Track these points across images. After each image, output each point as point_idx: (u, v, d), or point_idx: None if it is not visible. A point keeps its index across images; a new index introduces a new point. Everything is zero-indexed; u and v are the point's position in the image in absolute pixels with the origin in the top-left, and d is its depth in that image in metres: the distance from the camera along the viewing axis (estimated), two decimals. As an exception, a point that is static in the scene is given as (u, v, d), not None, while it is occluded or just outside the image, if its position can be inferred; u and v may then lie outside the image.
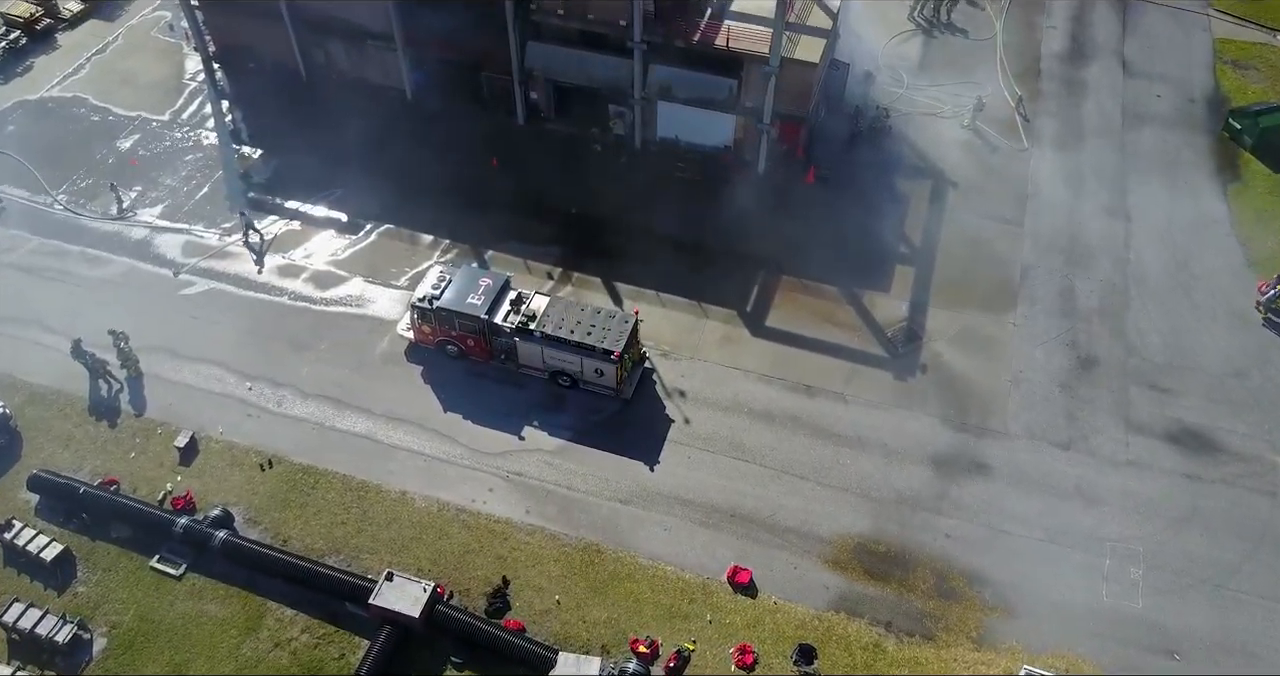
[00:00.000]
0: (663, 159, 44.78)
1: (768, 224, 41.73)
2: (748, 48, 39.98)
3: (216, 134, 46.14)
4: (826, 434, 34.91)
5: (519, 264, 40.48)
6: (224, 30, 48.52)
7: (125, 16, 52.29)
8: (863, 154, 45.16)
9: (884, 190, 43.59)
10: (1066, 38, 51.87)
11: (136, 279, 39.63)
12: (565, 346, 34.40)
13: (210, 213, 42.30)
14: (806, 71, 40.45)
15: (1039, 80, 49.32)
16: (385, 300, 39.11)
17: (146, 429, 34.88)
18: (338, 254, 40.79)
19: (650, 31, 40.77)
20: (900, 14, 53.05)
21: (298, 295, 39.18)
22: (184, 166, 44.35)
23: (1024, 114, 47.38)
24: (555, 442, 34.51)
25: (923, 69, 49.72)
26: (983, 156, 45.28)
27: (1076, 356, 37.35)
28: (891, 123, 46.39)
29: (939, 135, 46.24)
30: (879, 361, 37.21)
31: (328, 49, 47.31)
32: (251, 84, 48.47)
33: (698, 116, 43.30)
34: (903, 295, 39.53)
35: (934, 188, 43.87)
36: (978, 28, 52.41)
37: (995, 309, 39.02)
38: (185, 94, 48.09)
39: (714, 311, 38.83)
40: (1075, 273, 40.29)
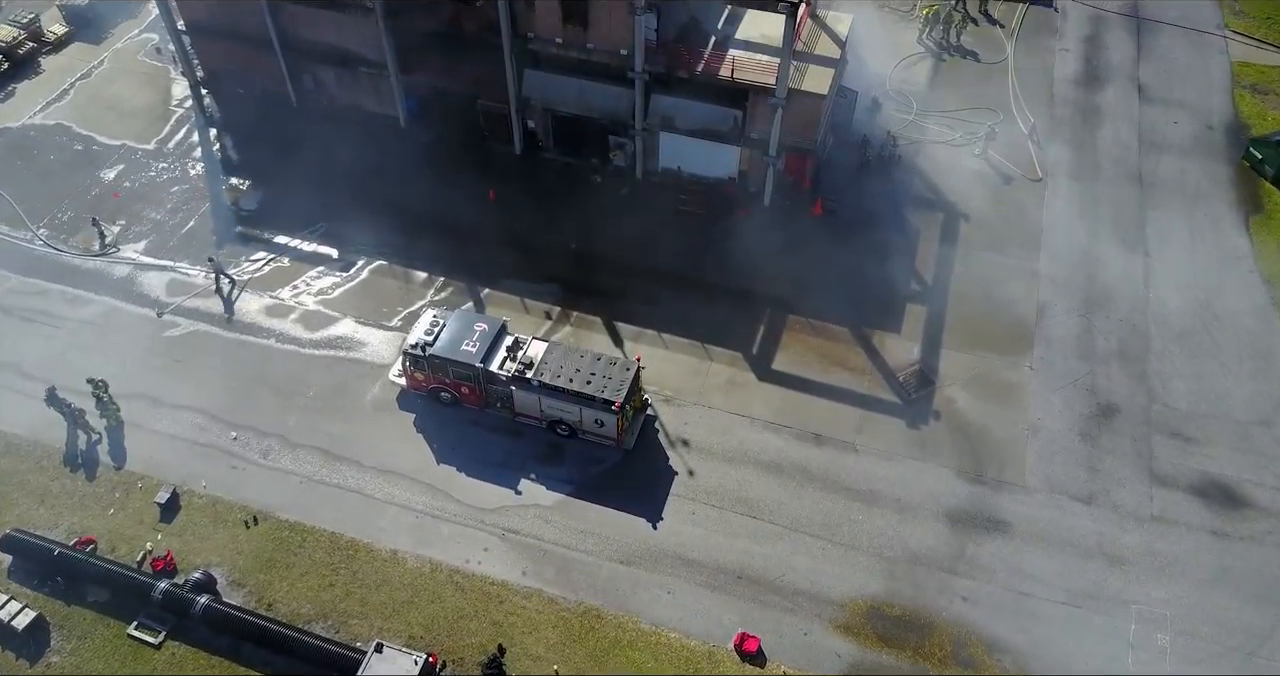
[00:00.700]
0: (665, 190, 43.32)
1: (773, 259, 40.23)
2: (753, 79, 38.50)
3: (203, 164, 44.67)
4: (837, 487, 33.42)
5: (516, 303, 38.99)
6: (212, 55, 47.04)
7: (111, 39, 50.81)
8: (871, 184, 43.69)
9: (893, 223, 42.12)
10: (1080, 61, 50.39)
11: (118, 320, 38.13)
12: (564, 396, 32.93)
13: (196, 248, 40.79)
14: (814, 103, 38.97)
15: (1052, 106, 47.83)
16: (377, 342, 37.61)
17: (126, 482, 33.38)
18: (328, 293, 39.28)
19: (652, 61, 39.29)
20: (909, 36, 51.57)
21: (286, 337, 37.68)
22: (169, 199, 42.85)
23: (1037, 142, 45.89)
24: (553, 497, 33.02)
25: (932, 94, 48.25)
26: (995, 187, 43.80)
27: (1096, 403, 35.86)
28: (900, 151, 44.92)
29: (950, 164, 44.77)
30: (891, 408, 35.72)
31: (318, 75, 45.84)
32: (240, 110, 47.03)
33: (701, 147, 41.85)
34: (914, 336, 38.05)
35: (945, 220, 42.38)
36: (988, 50, 50.95)
37: (1011, 351, 37.53)
38: (172, 121, 46.59)
39: (719, 353, 37.34)
40: (1093, 312, 38.79)
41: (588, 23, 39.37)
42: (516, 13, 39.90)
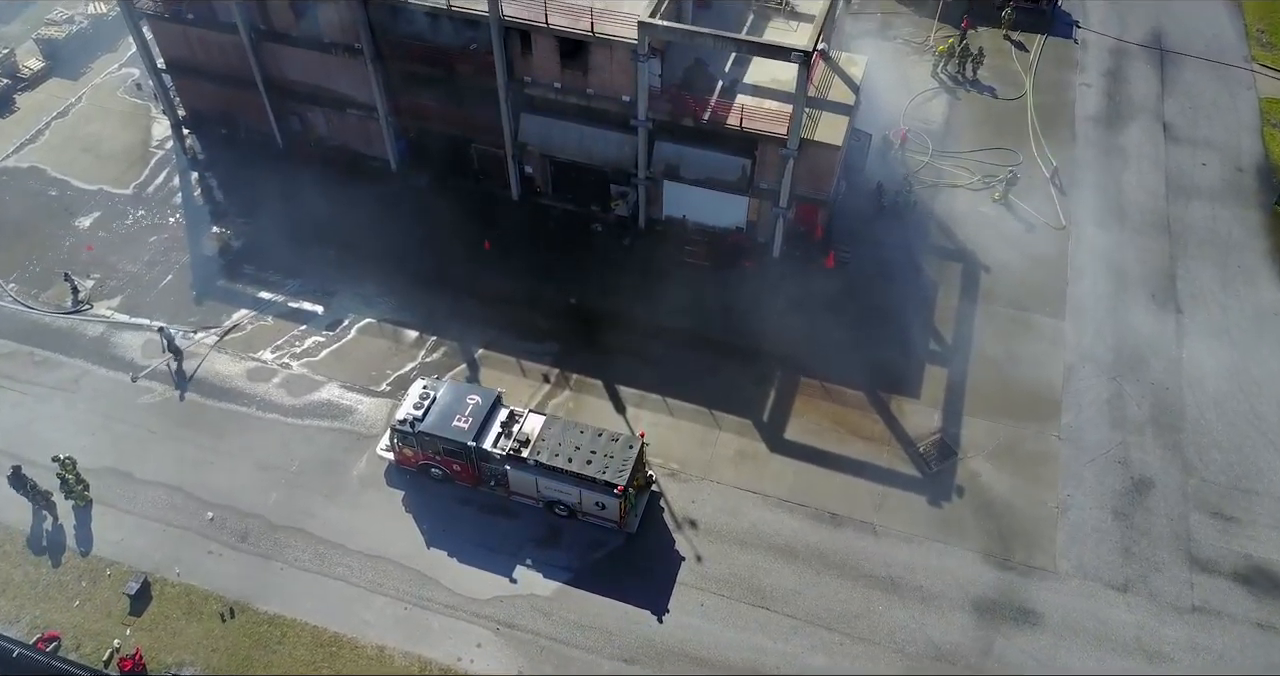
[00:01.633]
0: (669, 240, 41.15)
1: (784, 315, 38.07)
2: (764, 129, 36.31)
3: (184, 210, 42.44)
4: (855, 573, 31.23)
5: (512, 364, 36.81)
6: (193, 94, 44.87)
7: (90, 74, 48.65)
8: (886, 232, 41.51)
9: (910, 276, 39.94)
10: (1102, 97, 48.21)
11: (90, 385, 35.95)
12: (562, 477, 30.76)
13: (174, 304, 38.62)
14: (828, 154, 36.78)
15: (1074, 146, 45.65)
16: (364, 409, 35.42)
17: (94, 569, 31.19)
18: (313, 354, 37.08)
19: (656, 109, 37.10)
20: (923, 71, 49.43)
21: (268, 404, 35.48)
22: (146, 250, 40.65)
23: (1059, 185, 43.71)
24: (551, 586, 30.83)
25: (948, 133, 46.07)
26: (1016, 236, 41.61)
27: (1129, 477, 33.69)
28: (916, 196, 42.76)
29: (968, 210, 42.61)
30: (911, 483, 33.53)
31: (305, 116, 43.65)
32: (223, 151, 44.87)
33: (707, 196, 39.65)
34: (934, 401, 35.86)
35: (965, 272, 40.20)
36: (1006, 85, 48.78)
37: (1037, 418, 35.35)
38: (151, 164, 44.39)
39: (727, 421, 35.15)
40: (1123, 375, 36.61)
41: (588, 68, 37.21)
42: (512, 56, 37.72)
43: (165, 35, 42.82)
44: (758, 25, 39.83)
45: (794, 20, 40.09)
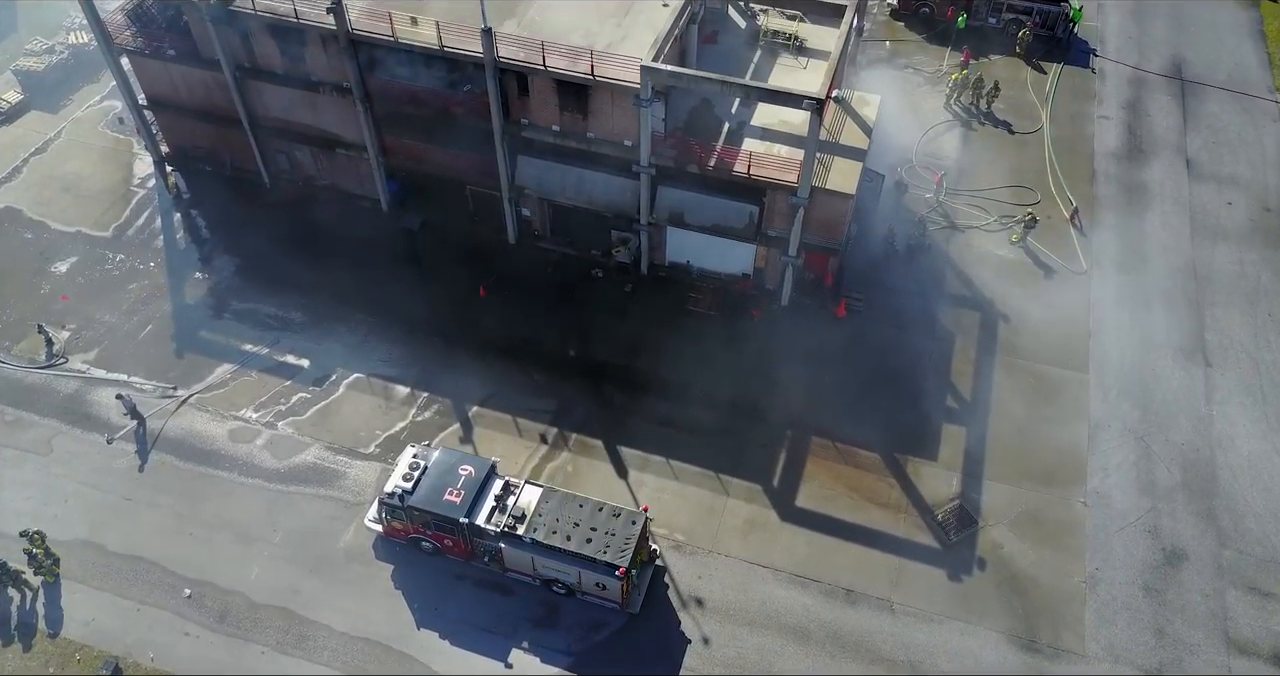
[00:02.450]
0: (673, 286, 39.35)
1: (794, 369, 36.27)
2: (773, 176, 34.49)
3: (165, 254, 40.58)
4: (872, 656, 29.41)
5: (508, 423, 34.99)
6: (177, 131, 43.04)
7: (70, 107, 46.80)
8: (899, 278, 39.70)
9: (925, 325, 38.14)
10: (1122, 130, 46.40)
11: (63, 447, 34.13)
12: (561, 556, 28.94)
13: (153, 358, 36.80)
14: (840, 203, 34.97)
15: (1094, 183, 43.84)
16: (352, 474, 33.60)
17: (63, 653, 29.38)
18: (298, 412, 35.24)
19: (659, 154, 35.29)
20: (935, 102, 47.62)
21: (250, 468, 33.65)
22: (126, 297, 38.81)
23: (1079, 226, 41.89)
24: (549, 672, 29.00)
25: (963, 170, 44.25)
26: (1036, 281, 39.81)
27: (1160, 548, 31.88)
28: (930, 239, 40.96)
29: (985, 254, 40.80)
30: (930, 555, 31.73)
31: (292, 154, 41.80)
32: (208, 189, 43.03)
33: (713, 242, 37.86)
34: (953, 463, 34.06)
35: (982, 321, 38.39)
36: (1021, 117, 46.96)
37: (1061, 482, 33.54)
38: (133, 204, 42.55)
39: (735, 486, 33.34)
40: (1151, 434, 34.81)
41: (588, 111, 35.41)
42: (509, 99, 35.92)
43: (146, 71, 40.98)
44: (765, 62, 38.11)
45: (803, 56, 38.32)
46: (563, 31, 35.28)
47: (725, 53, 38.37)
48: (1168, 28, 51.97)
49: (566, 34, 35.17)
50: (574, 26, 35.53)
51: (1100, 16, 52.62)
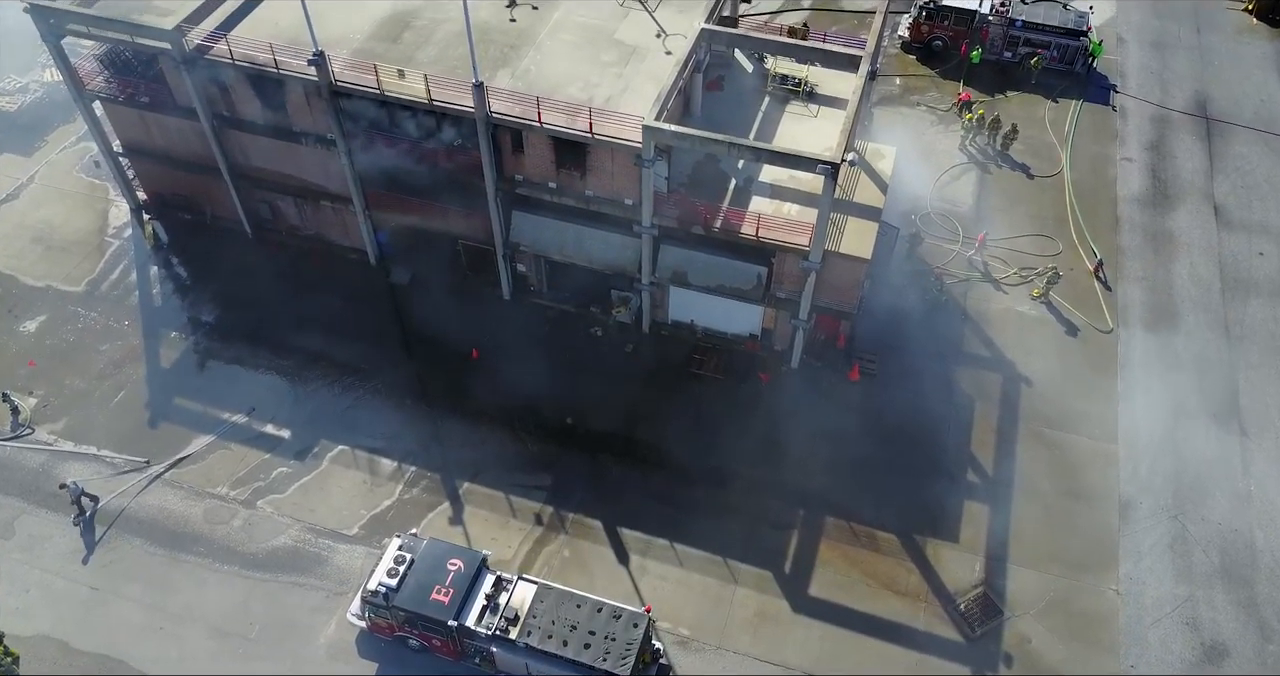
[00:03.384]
0: (676, 346, 37.28)
1: (805, 439, 34.20)
2: (783, 240, 32.37)
3: (140, 312, 38.46)
4: (892, 768, 27.31)
5: (500, 501, 32.90)
6: (154, 178, 40.95)
7: (44, 149, 44.66)
8: (915, 337, 37.58)
9: (943, 390, 36.04)
10: (1145, 173, 44.29)
11: (27, 529, 32.02)
12: (557, 662, 26.81)
13: (126, 428, 34.69)
14: (855, 267, 32.86)
15: (1118, 232, 41.73)
16: (336, 560, 31.49)
17: (21, 766, 27.27)
18: (278, 489, 33.14)
19: (662, 214, 33.19)
20: (949, 143, 45.54)
21: (226, 553, 31.54)
22: (97, 360, 36.69)
23: (1104, 280, 39.78)
24: (545, 787, 26.90)
25: (979, 216, 42.15)
26: (1059, 341, 37.72)
27: (1200, 642, 29.79)
28: (947, 294, 38.88)
29: (1005, 310, 38.70)
30: (952, 650, 29.63)
31: (275, 204, 39.68)
32: (187, 239, 40.97)
33: (719, 301, 35.72)
34: (975, 546, 31.97)
35: (1004, 386, 36.28)
36: (1040, 159, 44.86)
37: (1092, 567, 31.45)
38: (108, 255, 40.43)
39: (744, 573, 31.23)
40: (1186, 512, 32.72)
41: (586, 169, 33.32)
42: (502, 154, 33.84)
43: (120, 118, 38.90)
44: (774, 110, 36.02)
45: (814, 104, 36.22)
46: (560, 83, 33.21)
47: (731, 100, 36.28)
48: (1190, 62, 49.90)
49: (563, 85, 33.11)
50: (572, 77, 33.46)
51: (1120, 50, 50.54)
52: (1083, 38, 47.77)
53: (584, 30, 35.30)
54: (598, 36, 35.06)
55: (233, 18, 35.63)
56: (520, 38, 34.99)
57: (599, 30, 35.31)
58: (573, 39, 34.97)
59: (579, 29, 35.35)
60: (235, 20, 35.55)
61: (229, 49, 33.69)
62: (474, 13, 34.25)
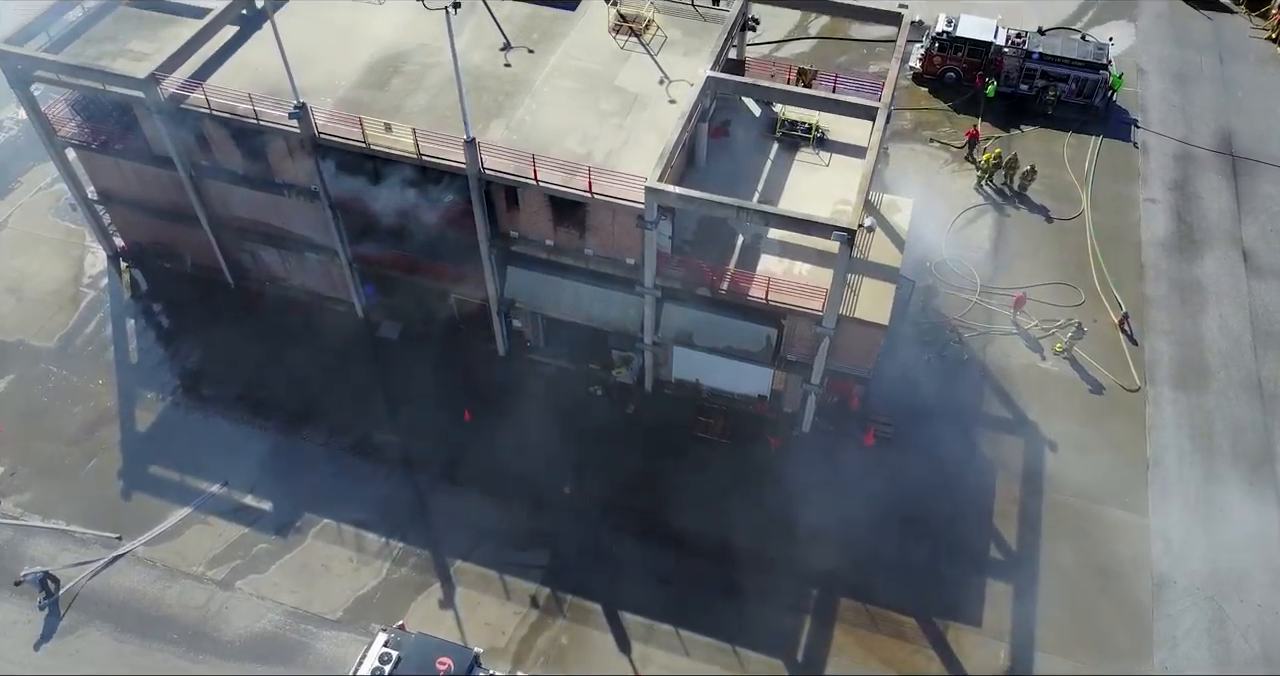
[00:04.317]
0: (680, 408, 35.35)
1: (817, 510, 32.29)
2: (795, 304, 30.41)
3: (115, 369, 36.51)
4: None
5: (494, 580, 30.99)
6: (132, 226, 39.04)
7: (18, 191, 42.78)
8: (932, 395, 35.68)
9: (963, 455, 34.11)
10: (1170, 215, 42.34)
11: (-12, 615, 30.06)
12: (555, 773, 24.88)
13: (98, 499, 32.78)
14: (872, 334, 30.89)
15: (1142, 280, 39.77)
16: (319, 648, 29.55)
17: None
18: (258, 568, 31.22)
19: (666, 275, 31.25)
20: (965, 182, 43.61)
21: (201, 640, 29.61)
22: (69, 424, 34.77)
23: (1130, 333, 37.84)
24: None
25: (997, 263, 40.23)
26: (1084, 400, 35.79)
27: (1242, 741, 27.85)
28: (965, 348, 36.94)
29: (1026, 366, 36.77)
30: (978, 750, 27.69)
31: (258, 254, 37.73)
32: (166, 288, 39.10)
33: (725, 361, 33.74)
34: (999, 630, 30.06)
35: (1027, 450, 34.35)
36: (1059, 200, 42.90)
37: (1124, 654, 29.53)
38: (82, 307, 38.50)
39: (754, 661, 29.34)
40: (1224, 592, 30.78)
41: (585, 227, 31.38)
42: (497, 210, 31.93)
43: (94, 165, 36.97)
44: (783, 158, 34.04)
45: (825, 151, 34.24)
46: (557, 134, 31.30)
47: (738, 147, 34.32)
48: (1214, 94, 47.95)
49: (561, 138, 31.19)
50: (570, 128, 31.53)
51: (1140, 81, 48.59)
52: (1103, 71, 45.82)
53: (582, 76, 33.38)
54: (597, 83, 33.13)
55: (212, 62, 33.75)
56: (515, 84, 33.06)
57: (598, 76, 33.38)
58: (571, 86, 33.04)
59: (577, 74, 33.43)
60: (214, 65, 33.68)
61: (206, 98, 31.73)
62: (467, 57, 32.63)
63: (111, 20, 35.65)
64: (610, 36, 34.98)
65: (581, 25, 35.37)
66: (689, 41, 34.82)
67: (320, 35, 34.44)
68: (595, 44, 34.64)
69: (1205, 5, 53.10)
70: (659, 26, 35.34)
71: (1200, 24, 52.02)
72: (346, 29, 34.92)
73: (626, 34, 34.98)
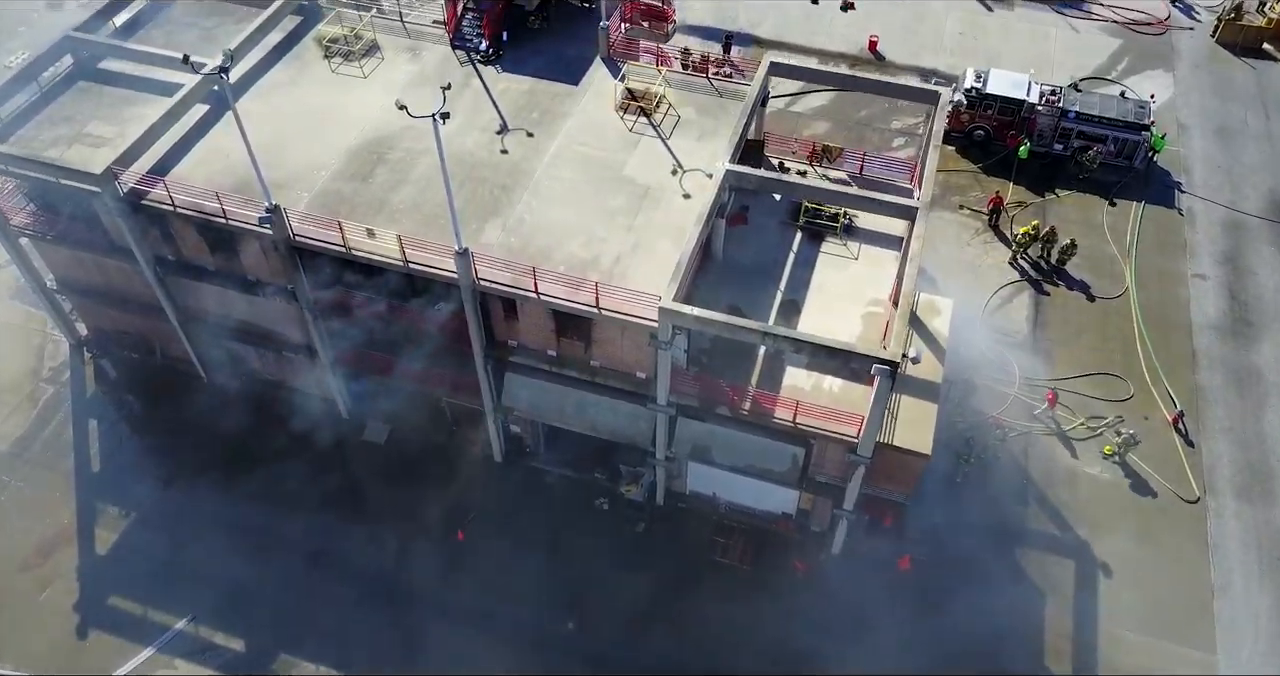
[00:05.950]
0: (695, 526, 32.23)
1: (848, 649, 29.06)
2: (826, 428, 27.16)
3: (75, 480, 33.34)
4: None
5: (492, 735, 27.76)
6: (96, 315, 35.90)
7: (-24, 268, 39.47)
8: (972, 509, 32.49)
9: (1008, 582, 30.95)
10: (1222, 293, 39.11)
11: (-76, 782, 26.87)
12: None
13: (51, 639, 29.59)
14: (913, 462, 27.67)
15: (1195, 369, 36.56)
16: None
17: None
18: (227, 723, 28.02)
19: (680, 392, 28.03)
20: (998, 254, 40.39)
21: None
22: (22, 546, 31.71)
23: (1184, 433, 34.64)
24: None
25: (1037, 348, 37.06)
26: (1139, 513, 32.62)
27: None
28: (1005, 449, 33.76)
29: (1073, 472, 33.61)
30: None
31: (232, 349, 34.52)
32: (134, 381, 36.02)
33: (746, 480, 30.54)
34: (1057, 794, 26.84)
35: (1078, 575, 31.21)
36: (1100, 276, 39.67)
37: None
38: (40, 406, 35.34)
39: None
40: (1305, 749, 27.60)
41: (591, 340, 28.19)
42: (493, 320, 28.74)
43: (52, 255, 33.79)
44: (807, 250, 30.74)
45: (853, 241, 31.00)
46: (560, 236, 28.15)
47: (758, 237, 31.00)
48: (1261, 153, 44.72)
49: (565, 240, 28.04)
50: (574, 229, 28.36)
51: (1182, 139, 45.32)
52: (1144, 132, 42.57)
53: (587, 165, 30.19)
54: (603, 173, 29.95)
55: (178, 148, 30.61)
56: (513, 175, 29.87)
57: (604, 165, 30.20)
58: (574, 177, 29.86)
59: (581, 163, 30.24)
60: (180, 151, 30.58)
61: (169, 195, 28.53)
62: (458, 142, 29.49)
63: (70, 97, 32.50)
64: (617, 115, 31.81)
65: (585, 103, 32.22)
66: (703, 122, 31.67)
67: (298, 115, 31.37)
68: (601, 125, 31.48)
69: (1247, 52, 49.88)
70: (670, 103, 32.16)
71: (1243, 73, 48.79)
72: (327, 108, 31.78)
73: (635, 113, 31.80)
